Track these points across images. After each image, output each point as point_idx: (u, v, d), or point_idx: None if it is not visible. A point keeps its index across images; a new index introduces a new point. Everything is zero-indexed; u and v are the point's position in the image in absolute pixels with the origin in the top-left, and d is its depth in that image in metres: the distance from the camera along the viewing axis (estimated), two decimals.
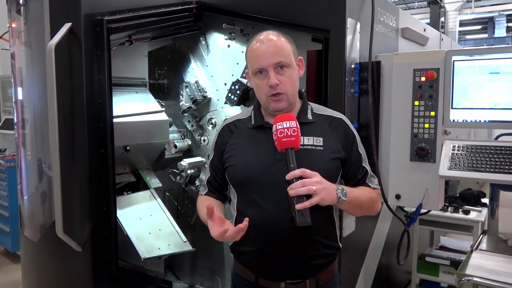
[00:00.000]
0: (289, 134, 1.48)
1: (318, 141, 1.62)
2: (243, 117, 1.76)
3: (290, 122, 1.49)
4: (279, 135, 1.49)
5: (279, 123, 1.50)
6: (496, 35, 21.08)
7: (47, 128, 2.46)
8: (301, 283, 1.63)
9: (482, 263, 2.36)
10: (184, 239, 3.01)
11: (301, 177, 1.44)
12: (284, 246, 1.57)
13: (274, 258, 1.60)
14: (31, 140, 2.82)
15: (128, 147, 2.89)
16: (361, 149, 1.72)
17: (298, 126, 1.50)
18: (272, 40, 1.60)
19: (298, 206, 1.39)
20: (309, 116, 1.67)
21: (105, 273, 2.39)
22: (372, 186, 1.71)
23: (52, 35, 2.21)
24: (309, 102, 1.74)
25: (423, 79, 2.44)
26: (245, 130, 1.70)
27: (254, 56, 1.60)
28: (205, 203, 1.56)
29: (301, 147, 1.54)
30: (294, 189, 1.41)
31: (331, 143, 1.63)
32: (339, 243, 1.72)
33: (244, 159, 1.64)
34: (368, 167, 1.73)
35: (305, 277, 1.63)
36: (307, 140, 1.60)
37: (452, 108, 2.38)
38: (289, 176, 1.44)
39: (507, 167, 2.21)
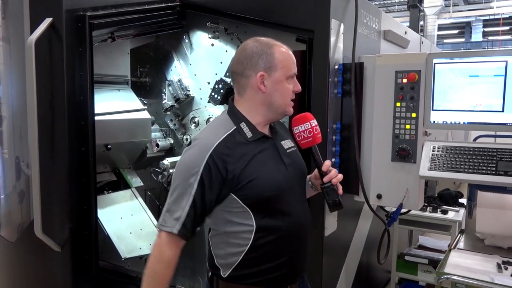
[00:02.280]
0: (305, 136, 1.66)
1: (290, 143, 1.73)
2: (228, 133, 1.57)
3: (304, 124, 1.66)
4: (297, 139, 1.67)
5: (295, 127, 1.66)
6: (472, 39, 21.56)
7: (26, 125, 2.41)
8: (298, 282, 1.70)
9: (460, 261, 2.42)
10: None
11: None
12: (304, 246, 1.70)
13: (298, 261, 1.68)
14: (8, 138, 2.75)
15: (109, 146, 2.85)
16: None
17: (315, 123, 1.66)
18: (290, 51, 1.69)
19: (341, 191, 1.64)
20: (273, 124, 1.73)
21: (85, 273, 2.35)
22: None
23: (32, 31, 2.16)
24: None
25: (404, 80, 2.47)
26: (245, 145, 1.57)
27: (292, 61, 1.64)
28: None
29: (288, 149, 1.68)
30: (336, 178, 1.63)
31: (293, 142, 1.76)
32: None
33: (267, 173, 1.57)
34: None
35: (300, 276, 1.71)
36: (289, 143, 1.72)
37: (432, 109, 2.42)
38: (326, 167, 1.64)
39: (484, 168, 2.27)
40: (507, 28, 20.65)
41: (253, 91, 1.61)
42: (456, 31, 22.41)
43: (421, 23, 14.18)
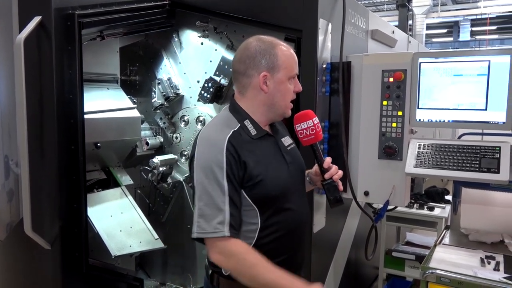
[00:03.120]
0: (308, 133, 1.67)
1: (290, 140, 1.76)
2: (234, 130, 1.57)
3: (307, 122, 1.67)
4: (300, 136, 1.69)
5: (298, 125, 1.68)
6: (460, 38, 21.80)
7: (15, 124, 2.41)
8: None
9: (445, 256, 2.47)
10: (156, 236, 3.00)
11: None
12: (304, 242, 1.74)
13: (298, 257, 1.71)
14: None
15: (99, 144, 2.85)
16: None
17: (317, 121, 1.68)
18: (292, 51, 1.69)
19: (341, 187, 1.70)
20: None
21: (75, 271, 2.36)
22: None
23: (21, 29, 2.16)
24: None
25: (391, 79, 2.51)
26: (250, 143, 1.57)
27: (295, 62, 1.64)
28: (268, 264, 1.47)
29: (288, 146, 1.72)
30: (337, 175, 1.70)
31: (292, 140, 1.79)
32: None
33: (272, 171, 1.57)
34: None
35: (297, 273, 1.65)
36: (288, 140, 1.75)
37: (418, 108, 2.47)
38: (327, 164, 1.69)
39: (468, 165, 2.32)
40: (494, 27, 20.92)
41: (255, 91, 1.61)
42: (444, 30, 22.64)
43: (410, 22, 14.31)
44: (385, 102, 2.55)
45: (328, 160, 1.69)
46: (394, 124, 2.53)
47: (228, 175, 1.47)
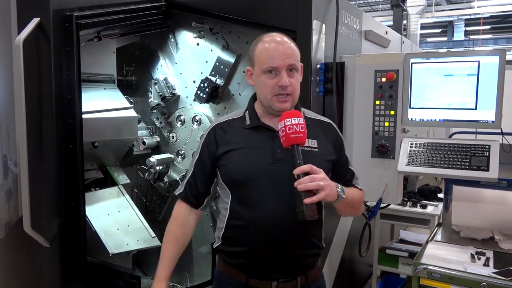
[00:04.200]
0: (297, 130, 1.51)
1: (313, 143, 1.67)
2: (234, 117, 1.77)
3: (298, 119, 1.53)
4: (288, 131, 1.51)
5: (287, 119, 1.53)
6: (455, 38, 21.92)
7: (13, 124, 2.44)
8: (292, 281, 1.68)
9: (436, 253, 2.52)
10: (153, 234, 3.03)
11: (307, 174, 1.47)
12: (279, 244, 1.62)
13: (268, 257, 1.64)
14: None
15: (96, 143, 2.88)
16: (347, 152, 1.81)
17: (296, 123, 1.52)
18: (287, 43, 1.65)
19: (307, 200, 1.43)
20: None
21: (73, 269, 2.39)
22: (359, 187, 1.80)
23: (20, 31, 2.19)
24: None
25: (383, 79, 2.57)
26: (239, 130, 1.71)
27: (268, 55, 1.61)
28: (170, 242, 1.86)
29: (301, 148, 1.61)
30: (303, 184, 1.44)
31: (324, 146, 1.70)
32: (323, 243, 1.80)
33: (241, 158, 1.65)
34: (354, 169, 1.83)
35: (296, 275, 1.69)
36: (306, 142, 1.63)
37: (410, 107, 2.52)
38: (297, 171, 1.47)
39: (459, 163, 2.38)
40: (488, 27, 21.06)
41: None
42: (438, 30, 22.76)
43: (404, 22, 14.41)
44: (377, 102, 2.60)
45: (303, 167, 1.48)
46: (386, 123, 2.59)
47: (200, 152, 1.74)
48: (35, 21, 2.17)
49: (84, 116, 2.47)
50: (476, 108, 2.37)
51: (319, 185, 1.46)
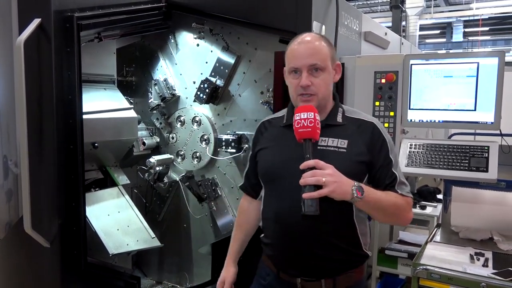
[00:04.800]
0: (305, 124, 1.50)
1: (343, 143, 1.61)
2: (278, 116, 1.83)
3: (308, 113, 1.51)
4: (296, 126, 1.52)
5: (297, 114, 1.53)
6: (453, 39, 21.95)
7: (14, 124, 2.44)
8: (316, 282, 1.64)
9: (435, 253, 2.52)
10: (153, 235, 3.04)
11: (314, 168, 1.46)
12: (296, 241, 1.62)
13: (289, 253, 1.65)
14: None
15: (96, 144, 2.89)
16: (393, 155, 1.65)
17: (317, 118, 1.52)
18: (310, 42, 1.63)
19: (305, 195, 1.42)
20: (339, 119, 1.67)
21: (73, 269, 2.39)
22: (400, 193, 1.62)
23: (21, 31, 2.19)
24: (342, 105, 1.74)
25: (383, 81, 2.58)
26: (277, 128, 1.76)
27: (292, 56, 1.63)
28: (235, 230, 2.00)
29: (324, 147, 1.60)
30: (304, 178, 1.44)
31: (356, 146, 1.61)
32: (366, 251, 1.70)
33: (270, 155, 1.73)
34: (399, 174, 1.64)
35: (319, 276, 1.64)
36: (331, 142, 1.62)
37: (409, 108, 2.53)
38: (302, 166, 1.46)
39: (458, 164, 2.39)
40: (486, 28, 21.10)
41: None
42: (437, 32, 22.79)
43: (403, 23, 14.43)
44: (377, 103, 2.61)
45: (308, 162, 1.47)
46: (386, 124, 2.59)
47: (251, 147, 1.87)
48: (36, 21, 2.18)
49: (84, 116, 2.48)
50: (475, 110, 2.38)
51: (320, 180, 1.42)
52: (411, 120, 2.54)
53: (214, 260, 3.13)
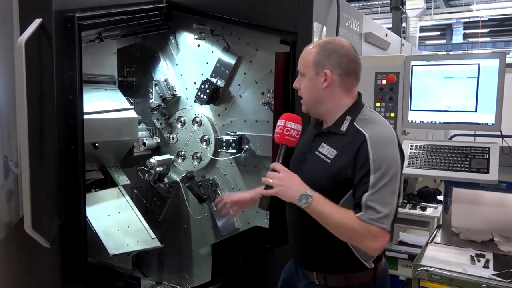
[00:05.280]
0: (278, 131, 1.71)
1: (332, 153, 1.62)
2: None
3: (287, 122, 1.70)
4: (277, 130, 1.72)
5: (281, 120, 1.72)
6: (453, 41, 21.98)
7: (14, 124, 2.44)
8: (310, 272, 1.76)
9: (436, 254, 2.52)
10: (153, 235, 3.04)
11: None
12: (292, 234, 1.81)
13: (291, 243, 1.84)
14: None
15: (96, 144, 2.89)
16: (376, 176, 1.51)
17: (296, 128, 1.70)
18: (305, 48, 1.71)
19: (262, 192, 1.65)
20: (343, 128, 1.64)
21: (73, 269, 2.39)
22: (358, 216, 1.52)
23: (22, 31, 2.19)
24: (363, 111, 1.67)
25: (384, 82, 2.58)
26: (310, 128, 1.85)
27: (299, 59, 1.74)
28: None
29: (319, 153, 1.66)
30: (264, 178, 1.63)
31: (341, 160, 1.59)
32: (361, 259, 1.66)
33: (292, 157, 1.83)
34: (372, 198, 1.51)
35: (312, 269, 1.75)
36: (326, 150, 1.64)
37: (410, 109, 2.53)
38: (271, 166, 1.66)
39: (459, 165, 2.39)
40: (486, 30, 21.13)
41: None
42: (437, 33, 22.82)
43: (404, 25, 14.44)
44: (378, 104, 2.61)
45: (273, 164, 1.65)
46: None
47: None
48: (37, 21, 2.18)
49: (85, 117, 2.47)
50: (476, 111, 2.38)
51: (267, 181, 1.61)
52: (412, 121, 2.54)
53: (214, 261, 3.13)
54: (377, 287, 1.72)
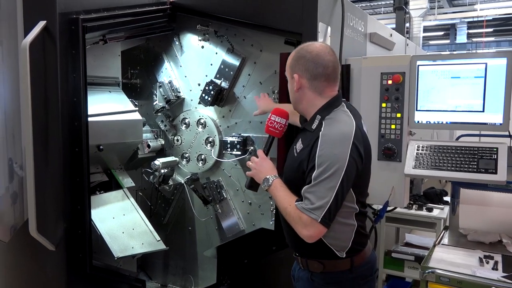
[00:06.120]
0: (268, 124, 1.95)
1: (299, 147, 1.83)
2: None
3: (274, 116, 1.95)
4: (268, 123, 1.95)
5: (273, 115, 1.95)
6: (457, 41, 21.91)
7: (19, 127, 2.44)
8: (297, 257, 1.95)
9: (444, 256, 2.50)
10: (158, 238, 3.02)
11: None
12: (282, 222, 1.92)
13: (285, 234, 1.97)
14: (1, 139, 2.76)
15: (101, 146, 2.88)
16: (320, 170, 1.65)
17: (281, 122, 1.94)
18: None
19: (246, 173, 1.97)
20: (313, 126, 1.80)
21: (79, 272, 2.38)
22: (296, 205, 1.69)
23: (26, 33, 2.19)
24: (336, 111, 1.79)
25: (390, 82, 2.55)
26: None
27: None
28: None
29: (294, 147, 1.86)
30: (247, 162, 1.98)
31: (303, 154, 1.78)
32: (336, 251, 1.81)
33: None
34: (310, 190, 1.67)
35: (298, 254, 1.94)
36: (298, 143, 1.86)
37: (416, 110, 2.51)
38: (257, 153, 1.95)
39: (466, 166, 2.36)
40: (490, 30, 21.05)
41: None
42: (441, 33, 22.76)
43: (407, 25, 14.40)
44: (384, 104, 2.59)
45: (258, 151, 1.96)
46: (393, 126, 2.57)
47: None
48: (41, 24, 2.18)
49: (89, 119, 2.47)
50: (483, 111, 2.35)
51: (248, 164, 1.95)
52: (418, 121, 2.52)
53: (219, 263, 3.11)
54: (355, 279, 1.85)
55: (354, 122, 1.76)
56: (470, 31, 21.54)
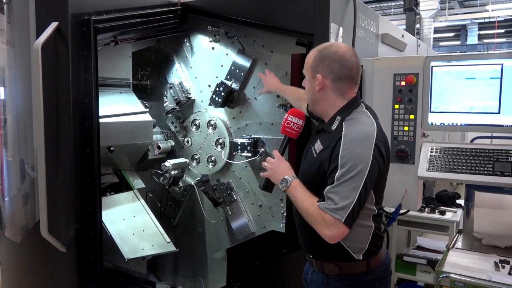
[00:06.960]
0: (284, 124, 1.97)
1: (319, 148, 1.81)
2: None
3: (291, 116, 1.97)
4: (285, 124, 1.97)
5: (289, 116, 1.97)
6: (468, 42, 21.71)
7: (31, 128, 2.44)
8: (313, 261, 1.91)
9: (458, 260, 2.46)
10: (168, 239, 3.02)
11: None
12: (297, 224, 1.94)
13: (298, 232, 1.98)
14: (13, 140, 2.78)
15: (112, 148, 2.88)
16: (342, 171, 1.63)
17: (298, 123, 1.95)
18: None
19: (261, 174, 1.94)
20: (332, 127, 1.78)
21: (89, 274, 2.38)
22: (319, 205, 1.66)
23: (38, 35, 2.20)
24: (356, 111, 1.78)
25: (403, 83, 2.52)
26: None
27: None
28: None
29: (313, 148, 1.84)
30: (262, 162, 1.94)
31: (323, 154, 1.76)
32: (352, 253, 1.78)
33: None
34: (334, 190, 1.64)
35: (313, 257, 1.92)
36: (316, 144, 1.83)
37: (430, 111, 2.47)
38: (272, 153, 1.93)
39: (482, 168, 2.31)
40: (502, 31, 20.81)
41: None
42: (452, 34, 22.56)
43: (417, 26, 14.31)
44: (397, 106, 2.55)
45: (274, 152, 1.93)
46: (406, 128, 2.53)
47: None
48: (53, 25, 2.18)
49: (100, 120, 2.47)
50: (499, 112, 2.31)
51: (264, 164, 1.91)
52: (432, 123, 2.48)
53: (229, 265, 3.09)
54: (372, 281, 1.83)
55: (374, 122, 1.76)
56: (481, 32, 21.32)
